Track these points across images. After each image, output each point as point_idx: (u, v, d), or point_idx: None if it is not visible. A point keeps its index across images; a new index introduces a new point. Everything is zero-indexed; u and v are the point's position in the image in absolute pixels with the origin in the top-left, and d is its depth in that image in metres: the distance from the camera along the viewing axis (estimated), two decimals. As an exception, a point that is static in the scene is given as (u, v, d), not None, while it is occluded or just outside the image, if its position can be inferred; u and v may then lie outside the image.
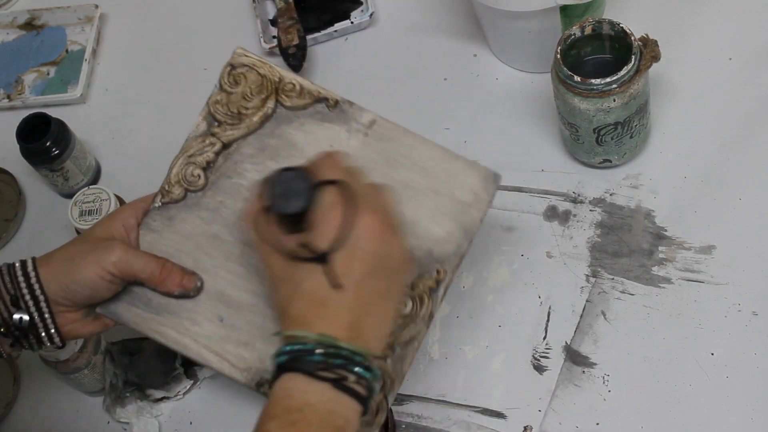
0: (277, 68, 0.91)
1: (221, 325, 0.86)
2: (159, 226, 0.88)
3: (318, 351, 0.72)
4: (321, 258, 0.74)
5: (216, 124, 0.90)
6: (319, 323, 0.73)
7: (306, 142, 0.89)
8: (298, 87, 0.90)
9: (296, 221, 0.75)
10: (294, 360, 0.72)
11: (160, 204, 0.89)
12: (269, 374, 0.78)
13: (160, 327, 0.86)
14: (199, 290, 0.87)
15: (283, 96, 0.90)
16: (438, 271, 0.85)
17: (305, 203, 0.74)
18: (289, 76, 0.91)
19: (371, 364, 0.73)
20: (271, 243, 0.76)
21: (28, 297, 0.84)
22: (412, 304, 0.84)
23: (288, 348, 0.73)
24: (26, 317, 0.84)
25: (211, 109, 0.91)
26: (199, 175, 0.89)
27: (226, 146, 0.89)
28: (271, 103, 0.90)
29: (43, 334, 0.85)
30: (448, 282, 0.85)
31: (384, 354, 0.78)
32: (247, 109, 0.90)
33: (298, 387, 0.72)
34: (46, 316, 0.84)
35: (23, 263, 0.84)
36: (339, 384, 0.72)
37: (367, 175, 0.80)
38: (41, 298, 0.84)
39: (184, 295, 0.87)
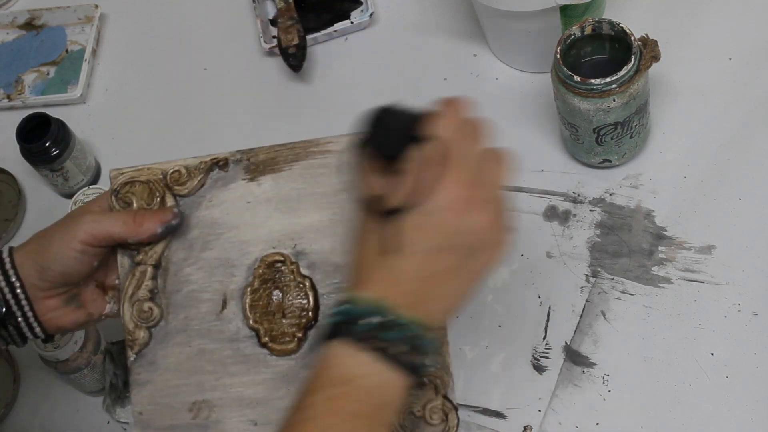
0: (155, 166, 0.87)
1: (258, 428, 0.83)
2: (147, 376, 0.85)
3: (372, 319, 0.68)
4: (389, 213, 0.70)
5: (135, 253, 0.86)
6: (378, 285, 0.69)
7: (225, 212, 0.86)
8: (183, 170, 0.87)
9: (389, 164, 0.71)
10: (345, 323, 0.68)
11: (134, 356, 0.85)
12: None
13: None
14: (179, 217, 0.85)
15: (177, 187, 0.87)
16: None
17: (397, 149, 0.70)
18: (169, 165, 0.87)
19: (427, 336, 0.69)
20: (361, 180, 0.72)
21: (3, 284, 0.82)
22: None
23: (344, 308, 0.69)
24: (2, 307, 0.82)
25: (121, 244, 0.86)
26: (150, 308, 0.85)
27: (156, 266, 0.85)
28: (170, 201, 0.87)
29: (22, 323, 0.84)
30: None
31: (437, 325, 0.72)
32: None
33: (347, 356, 0.68)
34: (23, 302, 0.83)
35: None
36: (390, 356, 0.68)
37: (486, 135, 0.74)
38: (17, 285, 0.82)
39: (170, 230, 0.84)
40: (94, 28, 1.26)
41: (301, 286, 0.84)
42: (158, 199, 0.86)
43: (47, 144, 1.12)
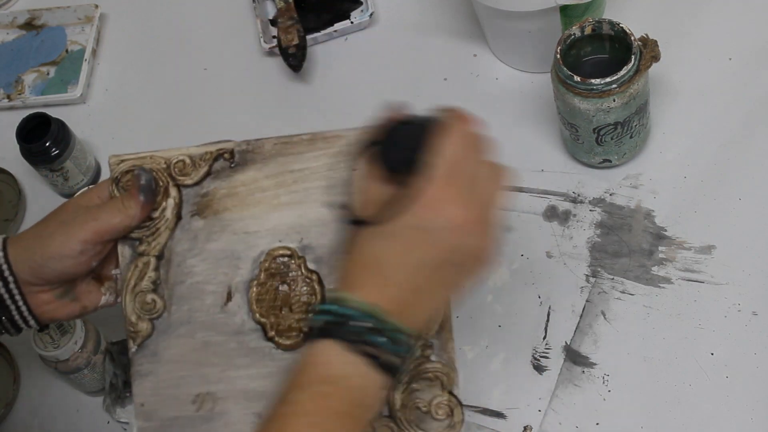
0: (158, 154, 0.86)
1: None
2: (149, 368, 0.84)
3: (361, 322, 0.69)
4: (356, 221, 0.71)
5: (137, 243, 0.85)
6: (368, 290, 0.71)
7: (230, 204, 0.86)
8: (188, 160, 0.86)
9: (391, 175, 0.73)
10: (336, 324, 0.70)
11: (135, 348, 0.84)
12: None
13: None
14: (142, 173, 0.83)
15: (181, 177, 0.86)
16: None
17: (404, 165, 0.72)
18: (172, 153, 0.86)
19: (410, 342, 0.71)
20: (362, 185, 0.74)
21: None
22: None
23: (333, 307, 0.70)
24: None
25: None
26: (153, 300, 0.84)
27: (159, 257, 0.85)
28: (173, 192, 0.86)
29: (16, 315, 0.83)
30: None
31: (419, 334, 0.75)
32: (154, 210, 0.85)
33: (336, 356, 0.69)
34: (17, 296, 0.82)
35: None
36: (376, 360, 0.69)
37: (490, 152, 0.75)
38: (10, 279, 0.82)
39: (149, 190, 0.83)
40: (94, 28, 1.26)
41: (308, 280, 0.84)
42: (161, 189, 0.85)
43: (47, 144, 1.12)
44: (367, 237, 0.72)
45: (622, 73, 0.95)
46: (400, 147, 0.73)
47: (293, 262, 0.84)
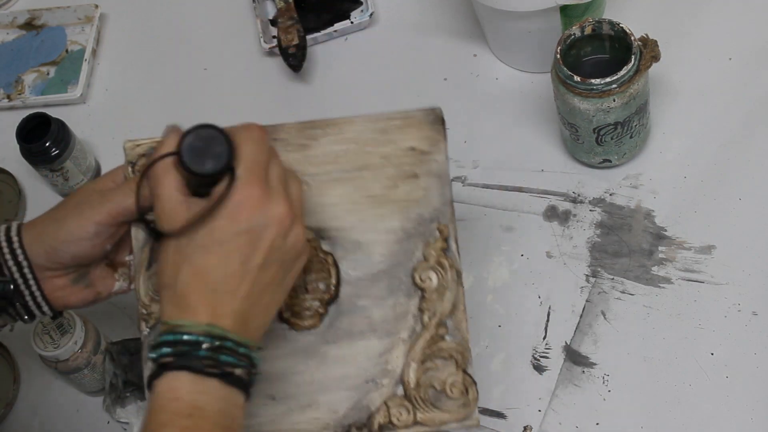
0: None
1: (276, 402, 0.82)
2: None
3: (205, 345, 0.69)
4: (157, 234, 0.71)
5: (151, 224, 0.84)
6: (201, 309, 0.70)
7: None
8: None
9: (200, 184, 0.72)
10: (179, 355, 0.69)
11: (148, 330, 0.82)
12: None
13: None
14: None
15: None
16: (439, 230, 0.84)
17: (213, 168, 0.71)
18: None
19: (255, 354, 0.72)
20: (165, 200, 0.73)
21: (11, 263, 0.81)
22: (435, 275, 0.83)
23: (171, 338, 0.70)
24: (10, 285, 0.81)
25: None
26: None
27: None
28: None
29: (30, 300, 0.83)
30: (454, 233, 0.84)
31: (258, 344, 0.74)
32: None
33: (186, 387, 0.69)
34: (31, 282, 0.82)
35: (7, 228, 0.82)
36: (227, 378, 0.69)
37: (280, 158, 0.76)
38: (24, 264, 0.81)
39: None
40: (94, 28, 1.26)
41: (324, 262, 0.84)
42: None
43: (47, 144, 1.12)
44: (185, 251, 0.72)
45: (622, 73, 0.95)
46: (195, 151, 0.72)
47: (308, 243, 0.84)
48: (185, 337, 0.69)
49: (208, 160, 0.72)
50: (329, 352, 0.82)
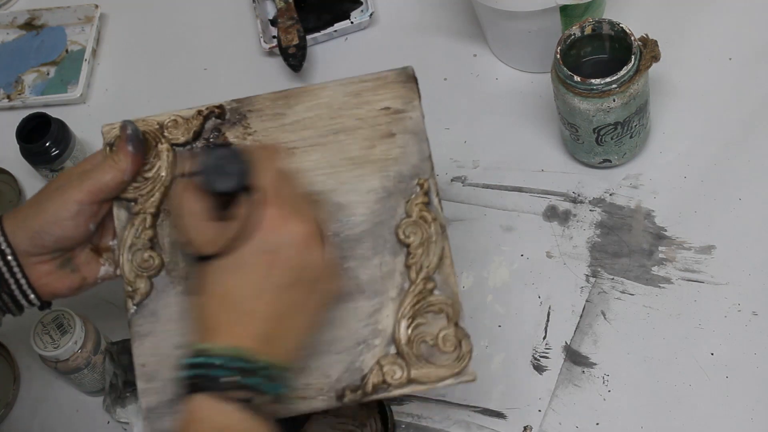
0: (150, 118, 0.87)
1: None
2: (149, 328, 0.83)
3: (229, 367, 0.69)
4: (201, 258, 0.71)
5: (132, 203, 0.85)
6: (229, 331, 0.70)
7: None
8: (180, 120, 0.87)
9: (219, 204, 0.73)
10: (203, 377, 0.69)
11: (134, 308, 0.83)
12: (338, 392, 0.76)
13: None
14: (126, 125, 0.84)
15: (172, 137, 0.86)
16: (420, 184, 0.84)
17: (234, 186, 0.71)
18: (164, 116, 0.87)
19: (282, 378, 0.71)
20: (187, 221, 0.73)
21: None
22: (419, 230, 0.82)
23: (197, 360, 0.70)
24: None
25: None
26: (151, 257, 0.83)
27: (156, 215, 0.85)
28: (166, 150, 0.86)
29: (16, 289, 0.83)
30: (434, 188, 0.84)
31: (293, 366, 0.74)
32: (148, 170, 0.85)
33: (214, 410, 0.69)
34: (15, 269, 0.82)
35: None
36: (251, 405, 0.69)
37: (298, 180, 0.77)
38: (8, 251, 0.81)
39: (135, 139, 0.83)
40: (94, 28, 1.26)
41: None
42: (155, 151, 0.86)
43: (47, 144, 1.12)
44: (216, 273, 0.72)
45: (622, 73, 0.95)
46: (216, 169, 0.73)
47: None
48: (210, 359, 0.69)
49: (227, 179, 0.72)
50: None
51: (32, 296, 0.84)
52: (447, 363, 0.80)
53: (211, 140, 0.86)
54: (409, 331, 0.81)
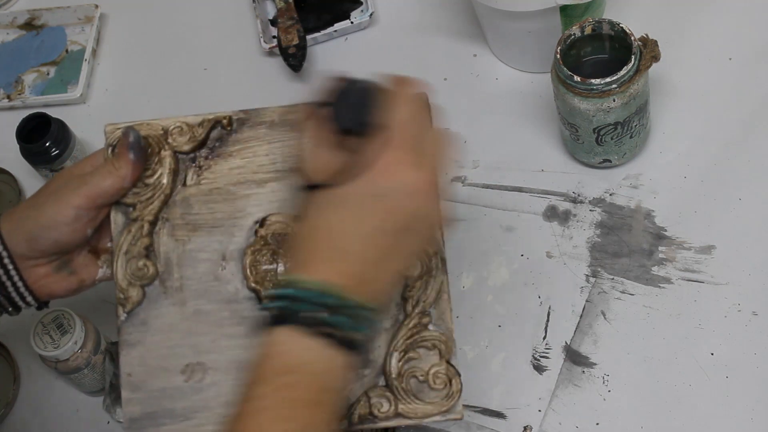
0: (154, 122, 0.86)
1: None
2: (138, 337, 0.82)
3: (321, 304, 0.66)
4: (308, 186, 0.69)
5: (131, 210, 0.84)
6: (322, 267, 0.68)
7: (227, 171, 0.85)
8: (185, 127, 0.86)
9: (341, 139, 0.71)
10: (292, 309, 0.67)
11: (125, 316, 0.82)
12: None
13: (200, 428, 0.81)
14: (130, 132, 0.83)
15: (177, 144, 0.86)
16: None
17: (358, 125, 0.70)
18: (169, 122, 0.86)
19: (372, 318, 0.69)
20: (310, 150, 0.71)
21: None
22: (420, 263, 0.81)
23: (287, 291, 0.67)
24: None
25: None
26: (145, 266, 0.83)
27: (153, 223, 0.84)
28: (169, 158, 0.85)
29: (12, 291, 0.82)
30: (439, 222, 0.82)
31: (380, 308, 0.71)
32: (149, 176, 0.85)
33: (294, 343, 0.66)
34: (12, 272, 0.82)
35: None
36: (338, 340, 0.67)
37: (430, 117, 0.74)
38: (4, 254, 0.81)
39: (137, 146, 0.82)
40: (94, 28, 1.26)
41: None
42: (157, 157, 0.85)
43: (47, 144, 1.12)
44: (319, 204, 0.70)
45: (622, 73, 0.95)
46: (350, 107, 0.71)
47: (290, 229, 0.83)
48: (299, 292, 0.67)
49: (360, 117, 0.70)
50: None
51: (29, 298, 0.84)
52: (436, 400, 0.79)
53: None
54: (400, 364, 0.80)
